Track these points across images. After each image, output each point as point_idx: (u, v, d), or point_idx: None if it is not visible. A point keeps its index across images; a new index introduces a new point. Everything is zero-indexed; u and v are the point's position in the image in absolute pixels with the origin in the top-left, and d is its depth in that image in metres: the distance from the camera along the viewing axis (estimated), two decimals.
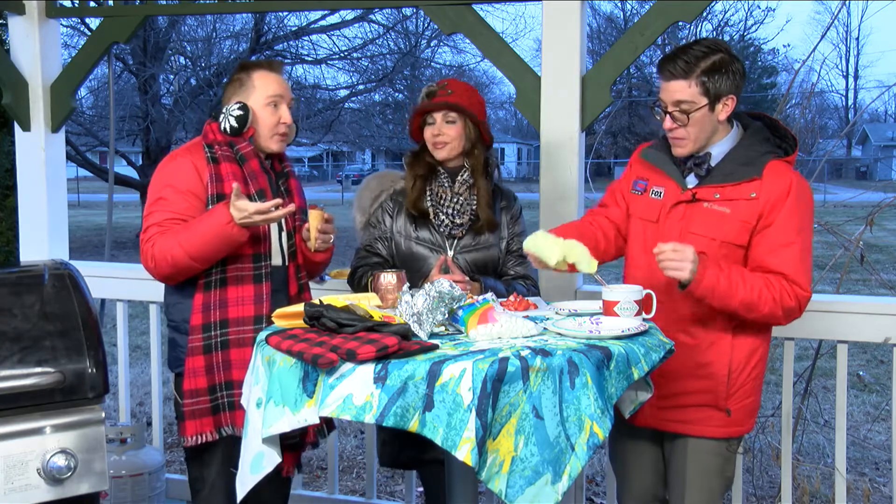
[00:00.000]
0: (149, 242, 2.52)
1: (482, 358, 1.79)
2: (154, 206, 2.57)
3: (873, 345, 6.24)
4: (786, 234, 2.31)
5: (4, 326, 2.27)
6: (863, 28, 46.97)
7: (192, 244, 2.45)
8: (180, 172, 2.57)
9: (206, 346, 2.55)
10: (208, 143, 2.61)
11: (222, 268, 2.55)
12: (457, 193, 2.76)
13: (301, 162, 39.92)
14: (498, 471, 1.78)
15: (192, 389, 2.55)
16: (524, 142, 44.29)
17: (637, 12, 24.83)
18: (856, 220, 4.86)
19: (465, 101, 2.72)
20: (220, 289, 2.56)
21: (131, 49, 14.48)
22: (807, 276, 2.33)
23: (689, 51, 2.30)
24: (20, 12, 3.91)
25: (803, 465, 4.50)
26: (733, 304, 2.28)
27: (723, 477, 2.48)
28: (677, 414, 2.42)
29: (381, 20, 16.11)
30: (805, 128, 5.23)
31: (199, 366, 2.55)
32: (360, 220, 2.94)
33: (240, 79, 2.66)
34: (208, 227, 2.44)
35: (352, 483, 4.71)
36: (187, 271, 2.52)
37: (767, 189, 2.31)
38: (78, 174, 23.49)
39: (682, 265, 2.21)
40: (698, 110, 2.30)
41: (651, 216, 2.47)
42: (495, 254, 2.80)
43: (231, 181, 2.54)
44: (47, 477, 2.20)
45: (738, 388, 2.41)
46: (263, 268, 2.60)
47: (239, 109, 2.58)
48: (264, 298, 2.58)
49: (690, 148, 2.37)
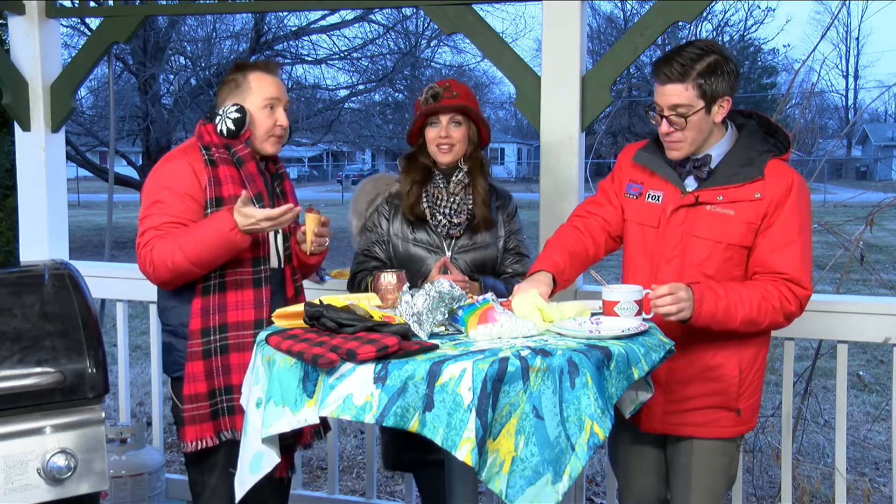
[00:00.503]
0: (147, 247, 2.49)
1: (482, 358, 1.79)
2: (151, 210, 2.53)
3: (873, 345, 6.24)
4: (787, 233, 2.31)
5: (4, 326, 2.27)
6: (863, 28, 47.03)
7: (193, 250, 2.43)
8: (178, 175, 2.54)
9: (206, 350, 2.53)
10: (205, 145, 2.58)
11: (221, 272, 2.53)
12: (452, 193, 2.77)
13: (301, 162, 39.96)
14: (498, 471, 1.78)
15: (192, 394, 2.53)
16: (524, 142, 44.30)
17: (637, 12, 24.82)
18: (856, 220, 4.86)
19: (470, 104, 2.74)
20: (219, 293, 2.54)
21: (131, 49, 14.47)
22: (808, 274, 2.33)
23: (684, 53, 2.28)
24: (20, 12, 3.91)
25: (803, 465, 4.50)
26: (734, 325, 2.29)
27: (727, 476, 2.49)
28: (688, 417, 2.42)
29: (381, 20, 16.12)
30: (805, 128, 5.23)
31: (198, 371, 2.53)
32: (356, 224, 2.93)
33: (235, 80, 2.63)
34: (210, 232, 2.42)
35: (352, 483, 4.71)
36: (186, 276, 2.50)
37: (771, 189, 2.31)
38: (78, 174, 23.49)
39: (680, 306, 2.20)
40: (695, 113, 2.28)
41: (651, 221, 2.44)
42: (493, 253, 2.81)
43: (229, 184, 2.53)
44: (47, 477, 2.20)
45: (747, 386, 2.42)
46: (263, 272, 2.59)
47: (236, 112, 2.56)
48: (264, 302, 2.56)
49: (686, 151, 2.35)
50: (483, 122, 2.79)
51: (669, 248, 2.40)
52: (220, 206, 2.51)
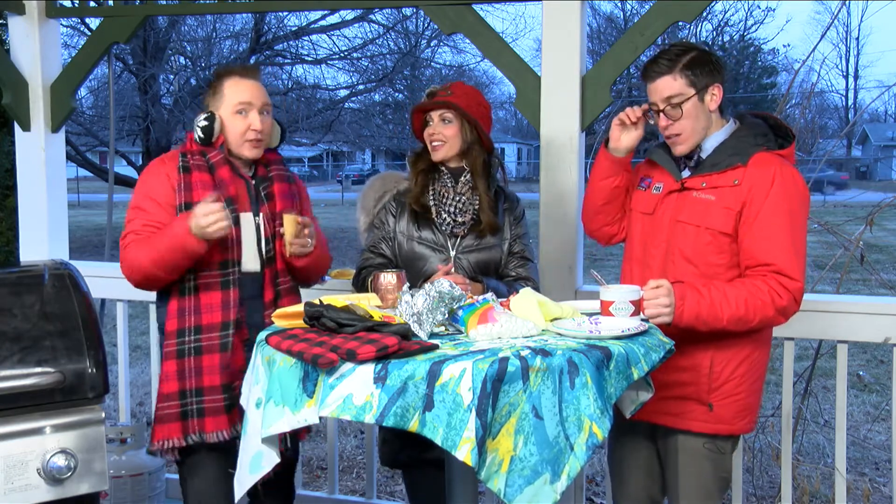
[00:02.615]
0: (125, 249, 2.57)
1: (482, 358, 1.79)
2: (131, 214, 2.62)
3: (873, 345, 6.23)
4: (774, 225, 2.31)
5: (4, 326, 2.27)
6: (863, 28, 46.97)
7: (155, 254, 2.49)
8: (153, 181, 2.62)
9: (179, 350, 2.56)
10: (183, 153, 2.65)
11: (194, 275, 2.58)
12: (459, 193, 2.76)
13: (301, 162, 39.92)
14: (497, 470, 1.78)
15: (164, 394, 2.56)
16: (524, 142, 44.28)
17: (637, 12, 24.79)
18: (856, 220, 4.86)
19: (463, 102, 2.72)
20: (193, 295, 2.58)
21: (131, 49, 14.46)
22: (799, 267, 2.32)
23: (666, 52, 2.41)
24: (20, 12, 3.91)
25: (803, 465, 4.50)
26: (721, 324, 2.29)
27: (717, 477, 2.48)
28: (662, 405, 2.42)
29: (381, 20, 16.10)
30: (805, 128, 5.23)
31: (171, 370, 2.55)
32: (363, 221, 2.94)
33: (213, 87, 2.68)
34: (168, 237, 2.47)
35: (352, 483, 4.71)
36: (156, 280, 2.56)
37: (750, 176, 2.34)
38: (78, 174, 23.48)
39: (658, 311, 2.22)
40: (688, 100, 2.37)
41: (647, 209, 2.53)
42: (497, 255, 2.80)
43: (199, 189, 2.56)
44: (47, 477, 2.20)
45: (722, 383, 2.41)
46: (231, 274, 2.59)
47: (205, 120, 2.62)
48: (231, 304, 2.57)
49: (690, 143, 2.42)
50: (478, 125, 2.73)
51: (659, 233, 2.47)
52: (188, 212, 2.51)
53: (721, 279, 2.36)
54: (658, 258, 2.46)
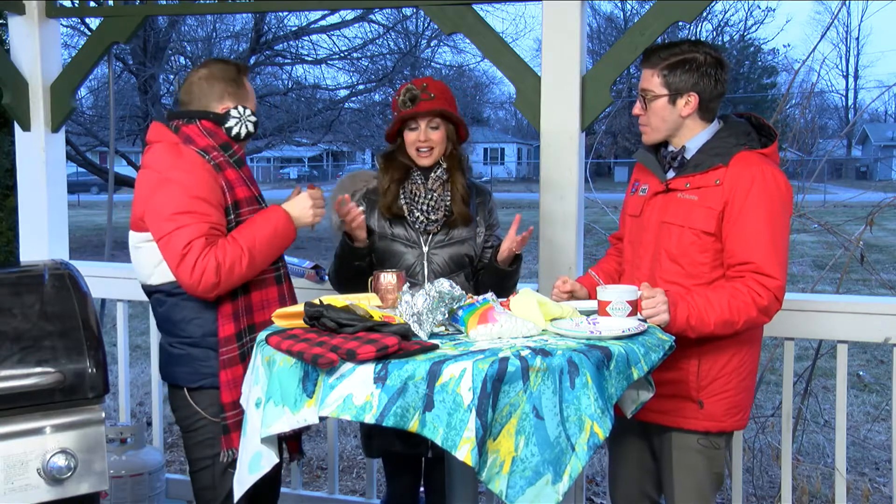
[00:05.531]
0: (200, 255, 2.34)
1: (482, 358, 1.79)
2: (183, 219, 2.36)
3: (873, 345, 6.24)
4: (753, 223, 2.33)
5: (4, 326, 2.27)
6: (863, 28, 47.07)
7: (261, 250, 2.43)
8: (197, 182, 2.40)
9: (242, 354, 2.47)
10: (202, 149, 2.47)
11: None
12: (430, 190, 2.79)
13: (301, 162, 39.94)
14: (498, 471, 1.78)
15: (235, 400, 2.43)
16: (524, 142, 44.31)
17: (637, 12, 24.82)
18: (856, 220, 4.86)
19: (447, 105, 2.75)
20: (244, 295, 2.49)
21: (131, 49, 14.46)
22: (779, 265, 2.33)
23: (664, 47, 2.44)
24: (20, 12, 3.91)
25: (803, 465, 4.50)
26: (709, 329, 2.30)
27: (712, 473, 2.49)
28: (655, 404, 2.41)
29: (381, 20, 16.11)
30: (805, 128, 5.23)
31: (238, 375, 2.44)
32: (335, 220, 2.93)
33: (236, 81, 2.57)
34: (269, 231, 2.45)
35: (352, 483, 4.71)
36: (241, 281, 2.45)
37: (732, 176, 2.35)
38: (78, 174, 23.48)
39: (656, 309, 2.23)
40: (656, 99, 2.41)
41: (635, 211, 2.56)
42: (470, 248, 2.82)
43: (238, 187, 2.50)
44: (47, 477, 2.20)
45: (711, 381, 2.42)
46: (281, 268, 2.61)
47: (253, 115, 2.56)
48: (286, 298, 2.58)
49: (652, 136, 2.48)
50: (460, 121, 2.80)
51: (646, 234, 2.49)
52: (238, 210, 2.47)
53: (706, 279, 2.39)
54: (646, 259, 2.48)
